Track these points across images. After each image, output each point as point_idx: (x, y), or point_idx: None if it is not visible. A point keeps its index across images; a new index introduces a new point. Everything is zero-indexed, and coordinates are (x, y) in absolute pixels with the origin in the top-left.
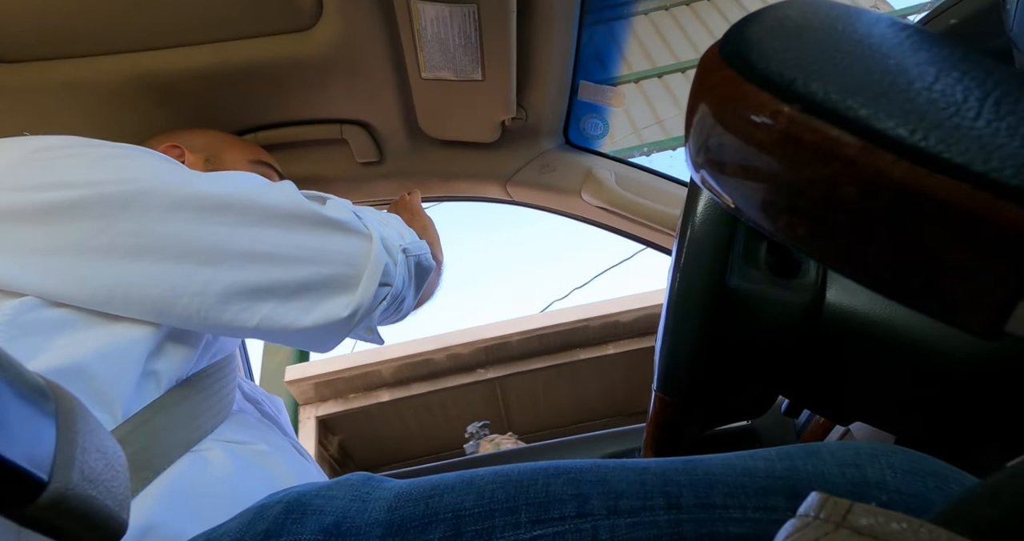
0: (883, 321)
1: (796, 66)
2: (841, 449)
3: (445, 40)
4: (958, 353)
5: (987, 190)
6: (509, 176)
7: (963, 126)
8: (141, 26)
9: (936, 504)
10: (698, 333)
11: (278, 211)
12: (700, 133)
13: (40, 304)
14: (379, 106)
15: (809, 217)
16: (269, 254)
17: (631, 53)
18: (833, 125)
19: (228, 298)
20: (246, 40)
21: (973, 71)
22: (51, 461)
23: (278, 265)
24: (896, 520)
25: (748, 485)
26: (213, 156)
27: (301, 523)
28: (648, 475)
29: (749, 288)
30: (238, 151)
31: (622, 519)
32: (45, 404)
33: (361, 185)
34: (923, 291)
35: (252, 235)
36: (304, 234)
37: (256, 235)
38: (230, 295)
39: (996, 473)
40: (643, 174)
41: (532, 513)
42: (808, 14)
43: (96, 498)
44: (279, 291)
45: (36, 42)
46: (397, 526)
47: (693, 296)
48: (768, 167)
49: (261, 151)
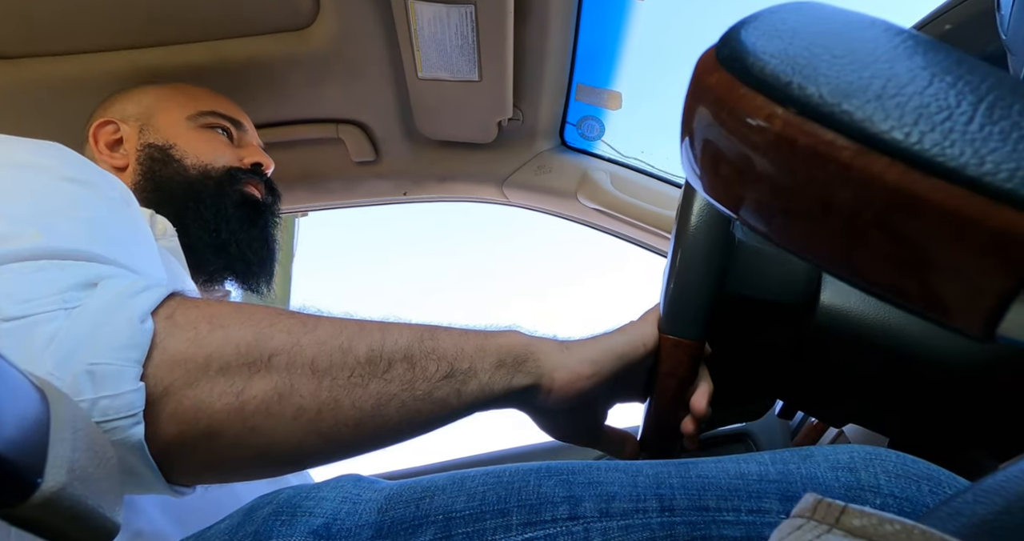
0: (877, 324)
1: (792, 69)
2: (834, 452)
3: (442, 40)
4: (951, 356)
5: (981, 193)
6: (505, 177)
7: (957, 130)
8: (139, 23)
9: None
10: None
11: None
12: (695, 135)
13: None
14: (375, 106)
15: (803, 220)
16: None
17: None
18: (828, 128)
19: None
20: (243, 38)
21: (967, 76)
22: (43, 461)
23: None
24: (889, 522)
25: (741, 488)
26: (146, 123)
27: (291, 525)
28: (641, 477)
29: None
30: (175, 109)
31: (614, 521)
32: (37, 404)
33: (357, 185)
34: (917, 294)
35: None
36: None
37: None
38: None
39: (988, 475)
40: (638, 176)
41: (523, 515)
42: (804, 17)
43: (89, 498)
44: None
45: (34, 38)
46: (387, 528)
47: (701, 238)
48: (763, 170)
49: (205, 101)
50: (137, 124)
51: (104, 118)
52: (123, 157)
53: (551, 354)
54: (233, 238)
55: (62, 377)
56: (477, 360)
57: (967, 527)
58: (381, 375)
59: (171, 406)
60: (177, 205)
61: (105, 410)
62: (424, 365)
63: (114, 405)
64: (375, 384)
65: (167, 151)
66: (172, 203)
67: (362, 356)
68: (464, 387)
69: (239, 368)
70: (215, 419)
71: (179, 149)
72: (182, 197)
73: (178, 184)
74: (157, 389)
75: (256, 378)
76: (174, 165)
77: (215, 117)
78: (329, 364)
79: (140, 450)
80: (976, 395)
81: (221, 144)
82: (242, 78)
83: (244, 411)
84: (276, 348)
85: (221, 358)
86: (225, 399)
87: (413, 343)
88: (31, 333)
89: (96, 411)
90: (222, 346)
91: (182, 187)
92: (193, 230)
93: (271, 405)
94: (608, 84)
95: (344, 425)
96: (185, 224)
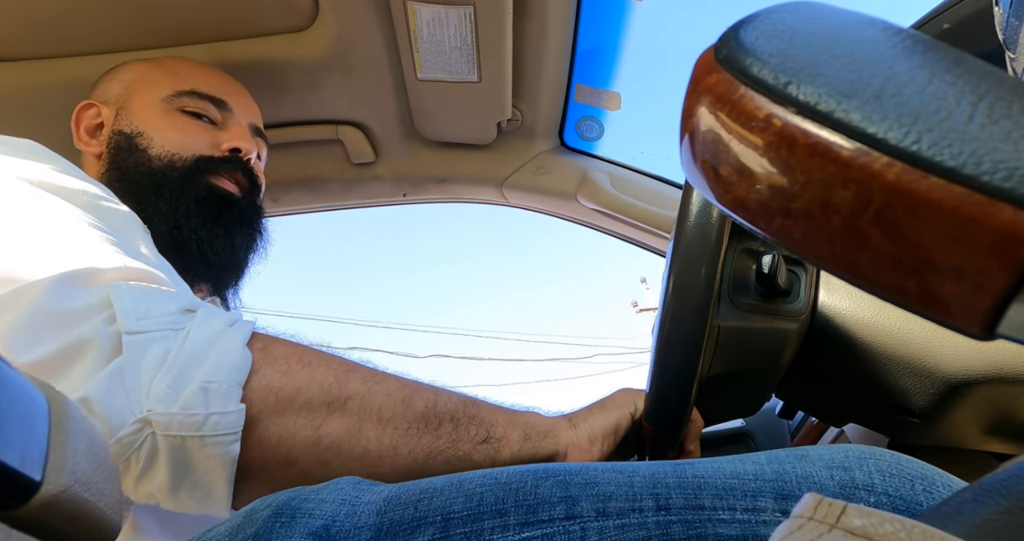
0: (876, 325)
1: (791, 69)
2: (830, 452)
3: (441, 41)
4: (950, 357)
5: (980, 193)
6: (504, 178)
7: (956, 129)
8: (138, 25)
9: (923, 506)
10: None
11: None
12: (694, 135)
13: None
14: (375, 107)
15: (803, 220)
16: None
17: None
18: (827, 128)
19: None
20: (242, 40)
21: (966, 75)
22: (43, 463)
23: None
24: (889, 521)
25: (737, 487)
26: (123, 107)
27: (290, 527)
28: (637, 477)
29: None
30: (151, 90)
31: (611, 521)
32: (37, 406)
33: (356, 186)
34: (917, 294)
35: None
36: None
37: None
38: None
39: (989, 474)
40: (638, 176)
41: (521, 515)
42: (803, 17)
43: (89, 500)
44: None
45: (34, 41)
46: (386, 529)
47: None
48: (762, 170)
49: (186, 79)
50: (115, 107)
51: (88, 100)
52: (99, 144)
53: (565, 431)
54: (194, 236)
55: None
56: (509, 431)
57: (967, 527)
58: (433, 431)
59: (258, 431)
60: (139, 198)
61: (215, 426)
62: (467, 427)
63: (223, 422)
64: (427, 438)
65: (133, 139)
66: (134, 196)
67: (419, 411)
68: (498, 455)
69: (320, 406)
70: (294, 449)
71: (146, 137)
72: (144, 189)
73: (141, 175)
74: (250, 413)
75: (333, 417)
76: (137, 155)
77: (193, 98)
78: (392, 414)
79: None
80: (972, 396)
81: (195, 129)
82: (241, 80)
83: (319, 445)
84: (352, 392)
85: (307, 393)
86: (305, 432)
87: (459, 407)
88: (147, 349)
89: (207, 426)
90: (308, 382)
91: (145, 178)
92: (153, 226)
93: (343, 443)
94: (607, 85)
95: (396, 472)
96: (146, 219)
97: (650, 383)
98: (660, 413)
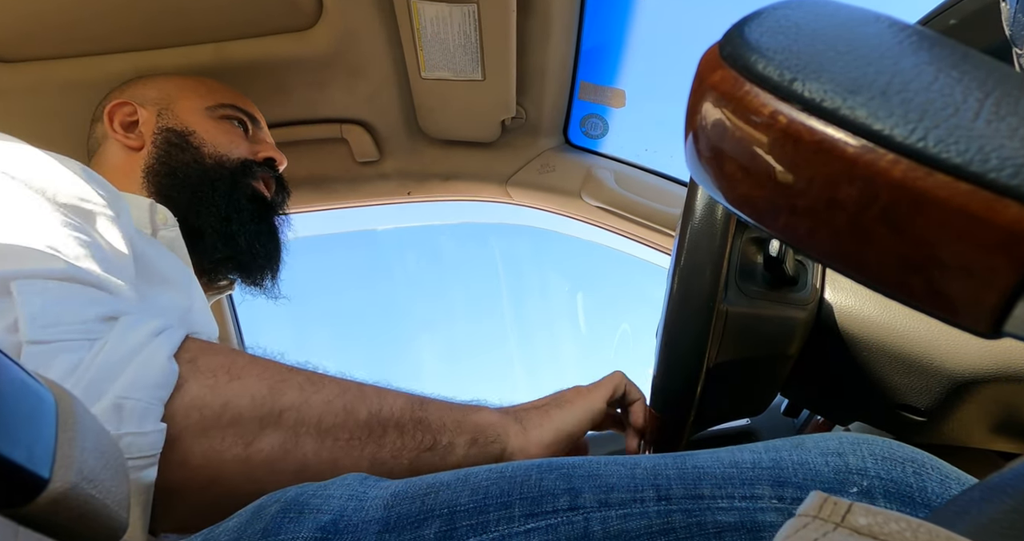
0: (882, 323)
1: (795, 65)
2: (824, 440)
3: (445, 39)
4: (956, 355)
5: (986, 189)
6: (509, 176)
7: (962, 126)
8: (141, 26)
9: (913, 488)
10: (693, 360)
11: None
12: (699, 132)
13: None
14: (379, 106)
15: (808, 217)
16: None
17: None
18: (832, 124)
19: None
20: (246, 40)
21: (973, 71)
22: (51, 460)
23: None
24: (895, 520)
25: (735, 476)
26: (165, 108)
27: (298, 522)
28: (639, 469)
29: (745, 311)
30: (195, 98)
31: (613, 511)
32: (45, 404)
33: (361, 185)
34: (923, 291)
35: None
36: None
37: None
38: None
39: (995, 473)
40: (643, 174)
41: (526, 507)
42: (808, 13)
43: (96, 498)
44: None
45: (36, 42)
46: (394, 523)
47: (688, 324)
48: (767, 167)
49: (225, 94)
50: (155, 108)
51: (121, 99)
52: (138, 139)
53: (514, 437)
54: (243, 229)
55: None
56: (456, 436)
57: (973, 525)
58: (376, 440)
59: (181, 452)
60: (191, 191)
61: (128, 447)
62: (412, 434)
63: (138, 443)
64: (370, 448)
65: (186, 137)
66: (185, 189)
67: (362, 420)
68: (443, 462)
69: (251, 421)
70: (222, 469)
71: (198, 136)
72: (196, 184)
73: (194, 170)
74: (171, 432)
75: (266, 432)
76: (192, 152)
77: (233, 110)
78: (332, 424)
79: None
80: (978, 395)
81: (237, 136)
82: (246, 79)
83: (249, 463)
84: (287, 404)
85: (235, 408)
86: (234, 450)
87: (405, 411)
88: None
89: None
90: (237, 396)
91: (197, 174)
92: (204, 217)
93: (277, 461)
94: (612, 82)
95: None
96: (198, 210)
97: (657, 367)
98: (667, 397)
